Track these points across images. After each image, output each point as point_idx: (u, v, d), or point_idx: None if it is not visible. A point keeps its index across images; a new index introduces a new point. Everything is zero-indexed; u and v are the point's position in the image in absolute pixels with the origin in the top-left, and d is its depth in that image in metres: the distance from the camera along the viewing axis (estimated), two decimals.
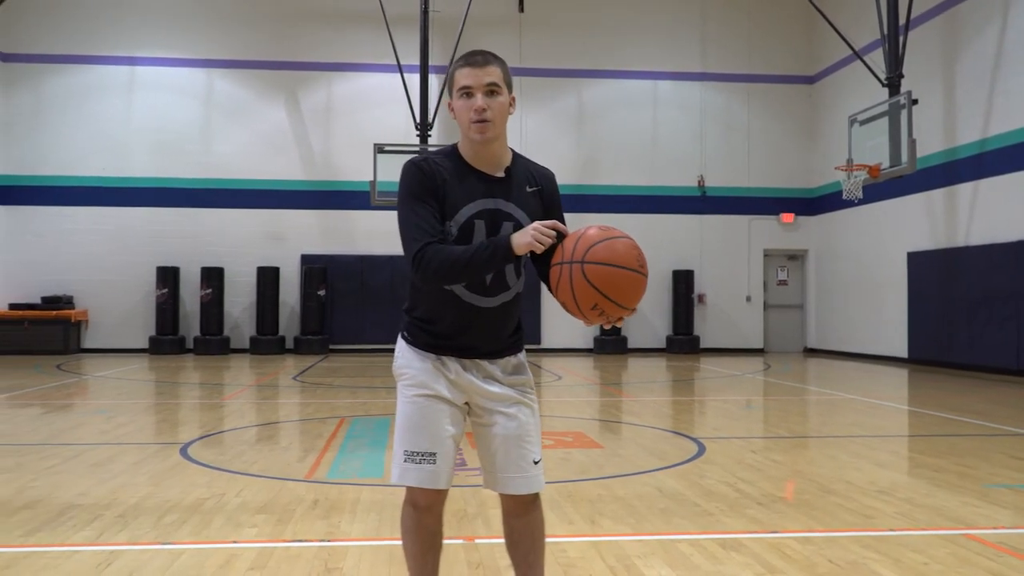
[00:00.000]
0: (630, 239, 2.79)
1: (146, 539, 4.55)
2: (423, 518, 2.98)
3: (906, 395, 12.72)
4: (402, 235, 2.84)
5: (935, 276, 16.89)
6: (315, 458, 6.93)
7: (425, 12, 19.04)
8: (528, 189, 2.98)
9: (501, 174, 2.95)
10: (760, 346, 22.06)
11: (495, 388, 2.97)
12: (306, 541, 4.51)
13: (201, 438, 7.96)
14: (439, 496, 2.97)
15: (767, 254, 22.31)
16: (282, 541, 4.51)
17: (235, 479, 6.06)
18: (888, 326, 18.63)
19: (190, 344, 20.48)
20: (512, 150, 3.03)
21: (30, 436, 8.11)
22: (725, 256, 21.96)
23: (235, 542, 4.49)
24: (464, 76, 2.86)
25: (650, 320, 21.62)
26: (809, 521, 4.95)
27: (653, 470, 6.47)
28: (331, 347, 20.73)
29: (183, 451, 7.18)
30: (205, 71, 21.01)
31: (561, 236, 2.78)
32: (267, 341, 20.23)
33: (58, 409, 10.39)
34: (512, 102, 2.92)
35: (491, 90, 2.85)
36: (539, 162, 3.14)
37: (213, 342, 20.11)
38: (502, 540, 4.42)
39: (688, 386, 13.97)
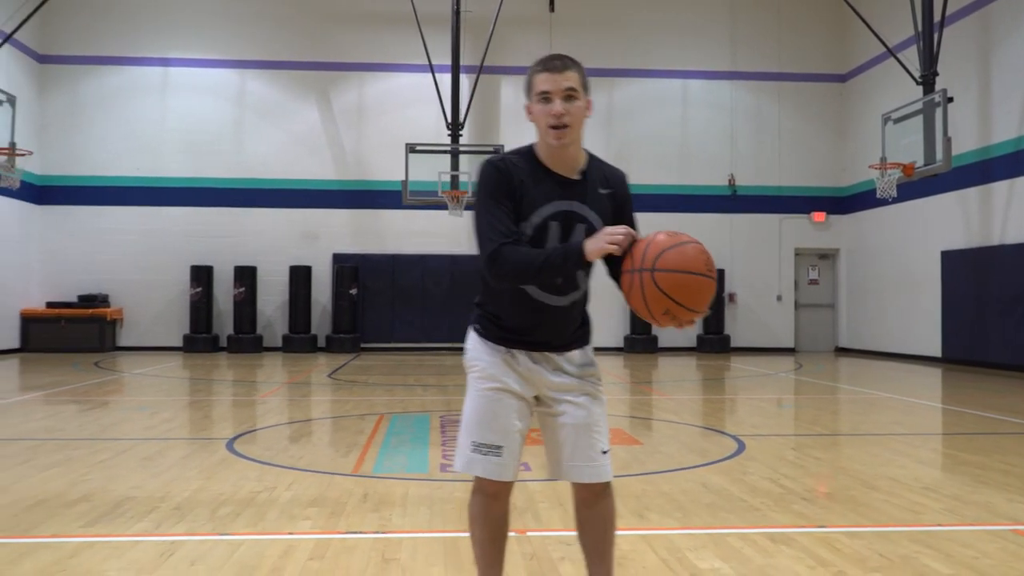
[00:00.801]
0: (698, 244, 2.82)
1: (203, 530, 4.65)
2: (491, 506, 3.04)
3: (943, 394, 12.66)
4: (477, 233, 2.90)
5: (969, 275, 16.78)
6: (359, 453, 7.01)
7: (457, 12, 19.14)
8: (601, 191, 3.02)
9: (576, 176, 2.98)
10: (791, 345, 21.99)
11: (564, 379, 3.03)
12: (361, 533, 4.59)
13: (245, 433, 8.08)
14: (506, 486, 3.03)
15: (798, 253, 22.23)
16: (337, 533, 4.59)
17: (284, 473, 6.16)
18: (921, 325, 18.53)
19: (223, 342, 20.70)
20: (587, 151, 3.06)
21: (77, 431, 8.26)
22: (756, 255, 21.91)
23: (291, 533, 4.58)
24: (543, 81, 2.90)
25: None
26: (856, 516, 4.97)
27: (695, 466, 6.51)
28: (362, 346, 20.88)
29: (229, 446, 7.30)
30: (238, 72, 21.23)
31: (632, 241, 2.82)
32: (299, 339, 20.40)
33: (101, 405, 10.56)
34: (588, 105, 2.95)
35: (569, 95, 2.89)
36: None
37: (246, 340, 20.31)
38: (553, 532, 4.51)
39: (721, 385, 13.97)
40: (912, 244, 18.96)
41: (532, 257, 2.82)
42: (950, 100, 14.59)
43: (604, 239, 2.76)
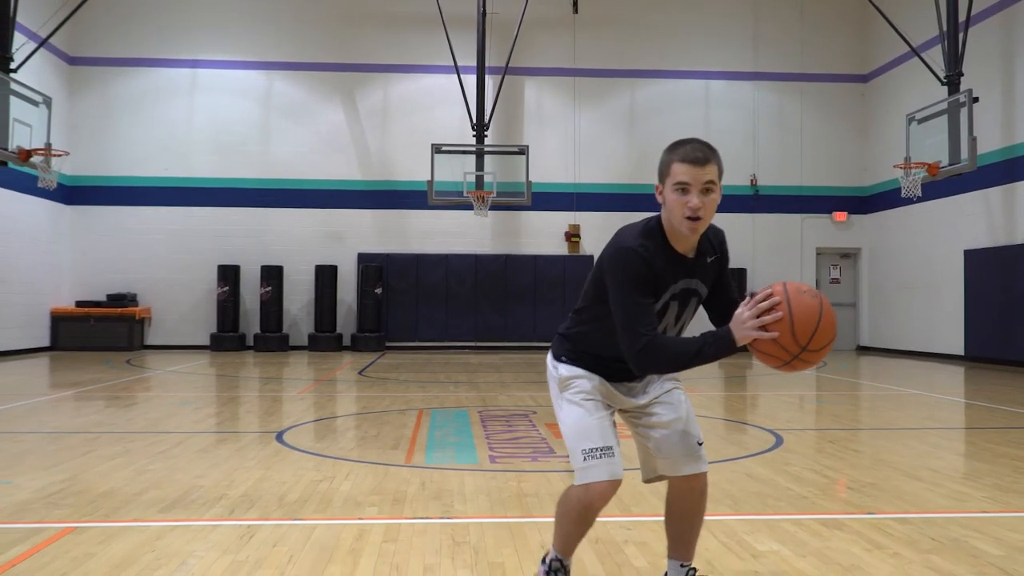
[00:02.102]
0: (828, 306, 2.85)
1: (275, 515, 4.85)
2: (597, 510, 3.14)
3: (971, 390, 12.77)
4: (624, 322, 2.93)
5: (993, 273, 16.87)
6: (408, 446, 7.21)
7: (483, 14, 19.33)
8: (709, 260, 3.12)
9: (693, 254, 3.08)
10: None
11: (642, 399, 3.26)
12: (427, 518, 4.78)
13: (291, 427, 8.29)
14: (614, 491, 3.11)
15: (820, 253, 22.34)
16: (404, 518, 4.78)
17: (340, 464, 6.36)
18: (944, 323, 18.62)
19: (250, 341, 20.95)
20: None
21: (128, 425, 8.48)
22: (778, 255, 22.03)
23: (360, 519, 4.77)
24: (682, 172, 2.92)
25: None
26: (903, 504, 5.14)
27: (738, 458, 6.68)
28: (387, 344, 21.09)
29: (279, 438, 7.50)
30: (265, 73, 21.48)
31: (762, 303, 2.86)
32: (325, 338, 20.64)
33: (143, 401, 10.80)
34: (720, 192, 2.99)
35: (707, 188, 2.93)
36: (592, 164, 3.34)
37: (272, 339, 20.56)
38: (614, 518, 4.68)
39: (747, 382, 14.11)
40: (935, 243, 19.05)
41: (684, 351, 2.87)
42: (976, 100, 14.70)
43: (751, 327, 2.80)
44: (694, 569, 3.35)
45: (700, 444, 3.22)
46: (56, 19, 18.14)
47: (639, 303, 2.92)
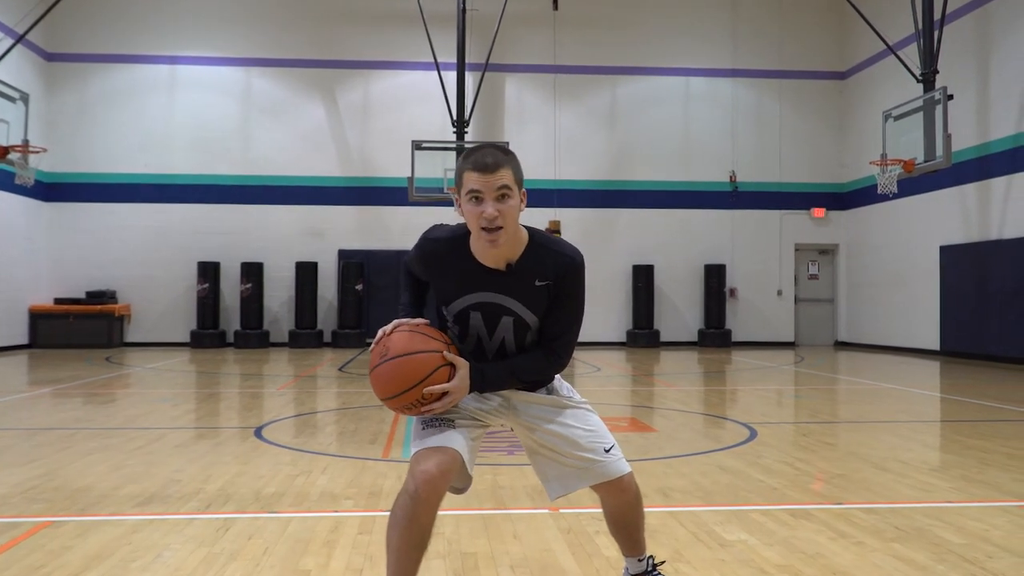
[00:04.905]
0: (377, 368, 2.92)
1: (252, 509, 4.89)
2: (419, 510, 2.80)
3: (944, 384, 12.94)
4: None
5: (968, 269, 17.07)
6: (385, 441, 7.26)
7: (463, 11, 19.36)
8: (537, 283, 2.91)
9: (504, 268, 2.91)
10: (791, 339, 22.28)
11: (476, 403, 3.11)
12: None
13: (270, 423, 8.32)
14: (444, 474, 2.82)
15: (798, 248, 22.52)
16: (380, 511, 4.83)
17: (317, 459, 6.40)
18: (920, 319, 18.82)
19: (230, 338, 20.93)
20: (531, 237, 2.93)
21: (107, 421, 8.50)
22: (757, 251, 22.19)
23: (336, 512, 4.83)
24: (473, 180, 2.78)
25: (682, 314, 21.90)
26: (870, 495, 5.24)
27: (711, 451, 6.77)
28: (368, 341, 21.10)
29: (257, 434, 7.54)
30: (244, 70, 21.44)
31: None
32: (306, 335, 20.65)
33: (122, 398, 10.80)
34: (523, 197, 2.85)
35: (502, 194, 2.79)
36: (572, 161, 3.32)
37: (253, 336, 20.54)
38: (584, 509, 4.76)
39: (725, 377, 14.23)
40: (911, 239, 19.24)
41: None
42: (950, 98, 14.86)
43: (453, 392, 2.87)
44: (651, 557, 3.40)
45: (608, 451, 3.10)
46: (34, 15, 18.04)
47: (403, 282, 3.19)
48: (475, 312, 2.97)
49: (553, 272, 2.90)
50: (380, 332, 2.97)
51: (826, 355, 19.14)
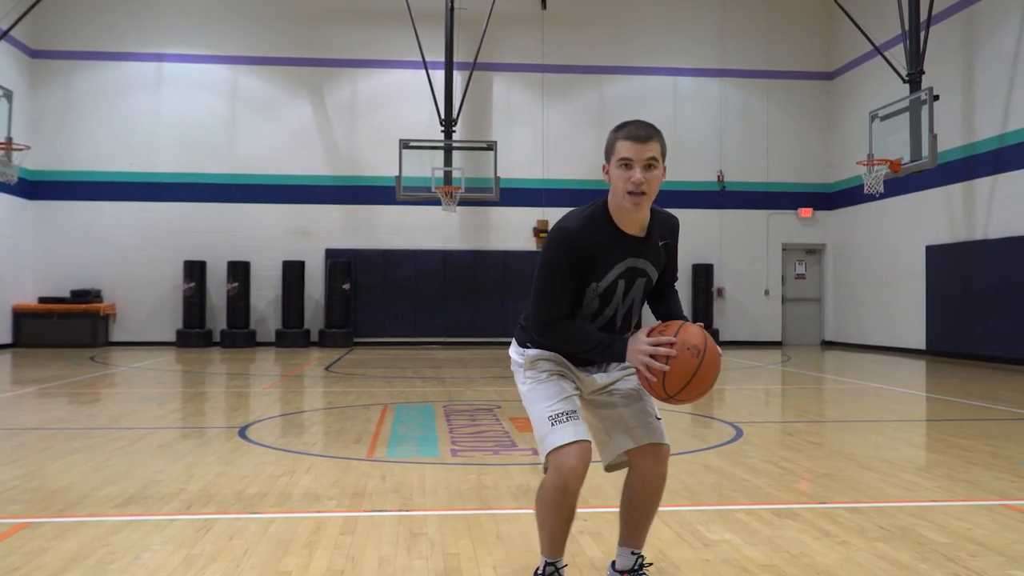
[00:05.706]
0: (707, 364, 3.05)
1: (233, 509, 4.85)
2: (570, 500, 3.09)
3: (929, 384, 12.97)
4: (537, 296, 3.12)
5: (954, 269, 17.13)
6: (370, 440, 7.23)
7: (451, 9, 19.31)
8: (660, 243, 3.22)
9: (643, 234, 3.16)
10: (778, 339, 22.32)
11: (605, 377, 3.31)
12: (385, 511, 4.81)
13: (255, 423, 8.27)
14: (586, 464, 3.05)
15: (785, 248, 22.55)
16: (363, 511, 4.80)
17: (301, 459, 6.36)
18: (906, 319, 18.87)
19: (217, 337, 20.83)
20: (652, 207, 3.20)
21: (89, 421, 8.43)
22: (744, 250, 22.22)
23: (319, 512, 4.79)
24: (625, 148, 3.03)
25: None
26: (855, 494, 5.23)
27: (697, 450, 6.76)
28: (355, 340, 21.05)
29: (241, 434, 7.49)
30: (231, 68, 21.33)
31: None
32: (292, 334, 20.57)
33: (106, 398, 10.72)
34: (664, 172, 3.09)
35: (650, 164, 3.02)
36: (560, 160, 3.43)
37: (239, 335, 20.45)
38: (587, 510, 4.72)
39: None
40: (897, 239, 19.29)
41: (581, 339, 3.10)
42: (936, 98, 14.91)
43: (638, 360, 3.02)
44: (642, 556, 3.40)
45: (659, 420, 3.27)
46: (17, 11, 17.89)
47: (555, 285, 3.07)
48: (621, 280, 3.16)
49: (669, 232, 3.26)
50: (653, 348, 3.01)
51: (813, 354, 19.18)
